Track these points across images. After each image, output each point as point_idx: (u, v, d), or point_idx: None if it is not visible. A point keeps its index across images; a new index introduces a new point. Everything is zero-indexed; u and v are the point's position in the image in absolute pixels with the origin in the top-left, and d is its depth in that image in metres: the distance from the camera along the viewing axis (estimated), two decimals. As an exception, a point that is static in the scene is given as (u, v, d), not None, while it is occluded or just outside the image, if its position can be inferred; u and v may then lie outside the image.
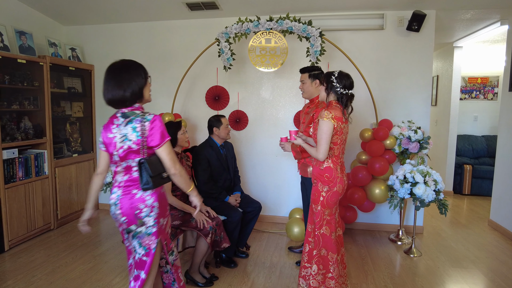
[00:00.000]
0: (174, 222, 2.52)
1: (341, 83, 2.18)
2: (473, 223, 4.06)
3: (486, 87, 5.86)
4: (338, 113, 2.15)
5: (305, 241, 2.33)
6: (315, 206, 2.23)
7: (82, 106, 4.17)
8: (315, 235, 2.25)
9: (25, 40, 3.41)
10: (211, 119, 3.00)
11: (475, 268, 2.90)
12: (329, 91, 2.22)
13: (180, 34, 3.99)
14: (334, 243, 2.21)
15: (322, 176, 2.19)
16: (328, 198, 2.18)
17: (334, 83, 2.18)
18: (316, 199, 2.21)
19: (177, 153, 2.64)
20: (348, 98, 2.20)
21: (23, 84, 3.33)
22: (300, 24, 3.17)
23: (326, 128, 2.11)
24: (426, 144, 3.28)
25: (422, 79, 3.58)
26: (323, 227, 2.21)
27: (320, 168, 2.20)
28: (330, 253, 2.20)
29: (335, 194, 2.19)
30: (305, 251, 2.32)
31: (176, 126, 2.61)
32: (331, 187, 2.17)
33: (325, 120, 2.11)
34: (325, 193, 2.18)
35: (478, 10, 3.52)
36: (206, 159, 2.89)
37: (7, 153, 3.12)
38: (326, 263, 2.21)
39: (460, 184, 5.31)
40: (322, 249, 2.22)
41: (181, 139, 2.61)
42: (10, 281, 2.61)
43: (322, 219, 2.21)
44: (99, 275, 2.73)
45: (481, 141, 5.67)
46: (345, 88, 2.18)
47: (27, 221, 3.35)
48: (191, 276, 2.59)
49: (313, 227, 2.27)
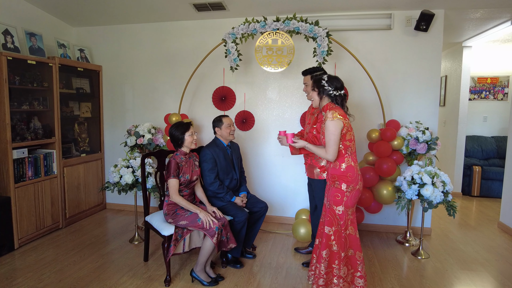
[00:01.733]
0: (181, 222, 2.53)
1: (332, 85, 2.24)
2: (482, 225, 4.00)
3: (496, 87, 5.78)
4: (340, 111, 2.17)
5: (325, 245, 2.22)
6: (338, 208, 2.18)
7: (90, 106, 4.21)
8: (340, 237, 2.19)
9: (35, 41, 3.46)
10: (214, 119, 3.01)
11: (485, 271, 2.86)
12: (322, 95, 2.27)
13: (187, 35, 4.01)
14: (358, 241, 2.21)
15: (345, 177, 2.16)
16: (352, 197, 2.17)
17: (326, 86, 2.24)
18: (339, 201, 2.17)
19: (185, 153, 2.66)
20: (342, 98, 2.25)
21: (32, 84, 3.38)
22: (307, 24, 3.16)
23: (333, 128, 2.11)
24: (434, 145, 3.24)
25: (430, 80, 3.54)
26: (349, 227, 2.20)
27: (341, 169, 2.17)
28: (357, 252, 2.20)
29: (358, 192, 2.20)
30: (323, 255, 2.21)
31: (185, 127, 2.62)
32: (354, 185, 2.16)
33: (332, 120, 2.11)
34: (349, 193, 2.16)
35: (488, 9, 3.47)
36: (213, 158, 2.90)
37: (17, 152, 3.17)
38: (355, 263, 2.20)
39: (469, 186, 5.24)
40: (350, 249, 2.20)
41: (187, 141, 2.62)
42: (20, 279, 2.64)
43: (346, 220, 2.18)
44: (107, 274, 2.75)
45: (491, 142, 5.59)
46: (337, 90, 2.23)
47: (36, 220, 3.39)
48: (197, 275, 2.60)
49: (334, 229, 2.20)
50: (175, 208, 2.63)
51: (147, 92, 4.22)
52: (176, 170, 2.55)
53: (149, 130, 3.71)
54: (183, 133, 2.60)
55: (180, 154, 2.64)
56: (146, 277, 2.70)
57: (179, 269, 2.83)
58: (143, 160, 2.93)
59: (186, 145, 2.63)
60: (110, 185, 3.23)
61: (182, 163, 2.61)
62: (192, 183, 2.69)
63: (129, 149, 3.76)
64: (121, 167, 3.21)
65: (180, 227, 2.54)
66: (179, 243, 2.57)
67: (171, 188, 2.55)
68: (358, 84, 3.63)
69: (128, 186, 3.17)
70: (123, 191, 3.19)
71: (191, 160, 2.71)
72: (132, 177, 3.15)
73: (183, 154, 2.65)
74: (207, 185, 2.88)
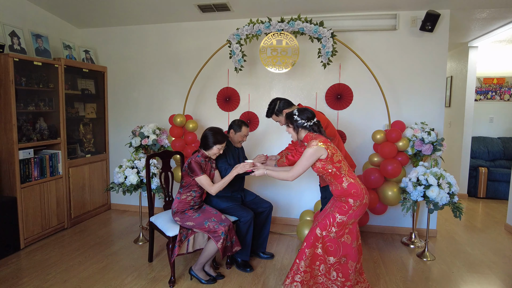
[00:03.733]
0: (188, 223, 2.54)
1: (304, 117, 2.29)
2: (489, 227, 3.96)
3: (502, 87, 5.73)
4: (321, 138, 2.21)
5: (311, 245, 2.20)
6: (341, 217, 2.18)
7: (95, 107, 4.24)
8: (333, 243, 2.19)
9: (41, 43, 3.49)
10: (235, 121, 2.98)
11: (492, 274, 2.83)
12: (298, 129, 2.32)
13: (191, 36, 4.02)
14: (355, 251, 2.19)
15: (350, 194, 2.18)
16: (358, 211, 2.19)
17: (299, 120, 2.29)
18: (345, 212, 2.18)
19: (206, 156, 2.66)
20: (317, 126, 2.30)
21: (38, 85, 3.40)
22: (311, 25, 3.16)
23: (309, 155, 2.17)
24: (440, 146, 3.22)
25: (435, 80, 3.52)
26: (345, 236, 2.19)
27: (344, 188, 2.18)
28: (350, 262, 2.18)
29: (365, 206, 2.21)
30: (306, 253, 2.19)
31: (221, 139, 2.61)
32: (361, 200, 2.17)
33: (313, 147, 2.14)
34: (356, 207, 2.17)
35: (494, 9, 3.44)
36: (225, 154, 2.88)
37: (23, 153, 3.19)
38: (346, 272, 2.18)
39: (475, 187, 5.19)
40: (342, 257, 2.19)
41: (213, 151, 2.62)
42: (26, 279, 2.66)
43: (344, 228, 2.19)
44: (112, 274, 2.76)
45: (497, 143, 5.54)
46: (309, 120, 2.28)
47: (41, 220, 3.41)
48: (195, 273, 2.62)
49: (324, 234, 2.19)
50: (185, 207, 2.63)
51: (152, 93, 4.24)
52: (200, 168, 2.55)
53: (153, 131, 3.72)
54: (215, 143, 2.59)
55: (202, 156, 2.65)
56: (150, 277, 2.71)
57: (184, 270, 2.83)
58: (148, 161, 2.94)
59: (210, 153, 2.64)
60: (115, 185, 3.24)
61: (202, 164, 2.61)
62: None
63: (134, 149, 3.78)
64: (126, 167, 3.22)
65: (185, 228, 2.55)
66: (183, 244, 2.57)
67: (205, 184, 2.55)
68: (363, 84, 3.61)
69: (133, 187, 3.18)
70: (127, 192, 3.20)
71: (209, 163, 2.72)
72: (137, 178, 3.16)
73: (204, 157, 2.65)
74: (223, 175, 2.82)
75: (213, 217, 2.56)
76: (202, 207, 2.73)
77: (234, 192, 2.95)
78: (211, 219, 2.54)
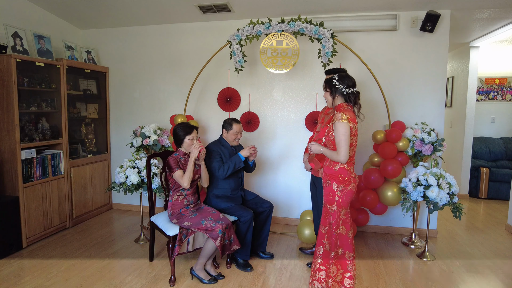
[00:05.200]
0: (185, 223, 2.55)
1: (344, 84, 2.22)
2: (490, 227, 3.95)
3: (504, 88, 5.71)
4: (351, 114, 2.17)
5: (319, 243, 2.30)
6: (331, 207, 2.21)
7: (97, 107, 4.26)
8: (331, 236, 2.23)
9: (43, 43, 3.52)
10: (226, 120, 3.01)
11: (492, 274, 2.83)
12: (334, 95, 2.25)
13: (192, 37, 4.04)
14: (350, 241, 2.20)
15: (336, 177, 2.18)
16: (344, 197, 2.18)
17: (338, 85, 2.22)
18: (332, 200, 2.20)
19: (185, 153, 2.67)
20: (355, 95, 2.22)
21: (41, 86, 3.43)
22: (311, 25, 3.17)
23: (343, 130, 2.12)
24: (440, 146, 3.22)
25: (436, 80, 3.52)
26: (340, 227, 2.21)
27: (334, 169, 2.19)
28: (347, 252, 2.20)
29: (350, 192, 2.20)
30: (318, 253, 2.30)
31: (188, 129, 2.63)
32: (346, 186, 2.17)
33: (342, 122, 2.12)
34: (340, 192, 2.17)
35: (495, 9, 3.43)
36: (219, 154, 2.90)
37: (25, 153, 3.22)
38: (344, 263, 2.21)
39: (477, 188, 5.18)
40: (339, 248, 2.21)
41: (186, 143, 2.63)
42: (28, 277, 2.69)
43: (338, 219, 2.20)
44: (113, 273, 2.78)
45: (499, 143, 5.52)
46: (349, 87, 2.20)
47: (43, 219, 3.44)
48: (196, 273, 2.64)
49: (327, 229, 2.25)
50: (180, 208, 2.65)
51: (153, 93, 4.26)
52: (177, 164, 2.57)
53: (155, 131, 3.74)
54: (184, 135, 2.62)
55: (179, 154, 2.67)
56: (151, 276, 2.73)
57: (184, 269, 2.85)
58: (149, 161, 2.96)
59: (185, 147, 2.65)
60: (116, 185, 3.27)
61: (181, 161, 2.63)
62: (194, 182, 2.72)
63: (135, 150, 3.80)
64: (127, 167, 3.24)
65: (184, 228, 2.56)
66: (184, 243, 2.59)
67: (178, 178, 2.56)
68: (363, 85, 3.61)
69: (134, 187, 3.20)
70: (129, 192, 3.22)
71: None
72: (138, 178, 3.18)
73: (182, 154, 2.67)
74: (217, 175, 2.84)
75: (210, 216, 2.58)
76: (201, 208, 2.75)
77: (234, 191, 2.96)
78: (208, 218, 2.56)
